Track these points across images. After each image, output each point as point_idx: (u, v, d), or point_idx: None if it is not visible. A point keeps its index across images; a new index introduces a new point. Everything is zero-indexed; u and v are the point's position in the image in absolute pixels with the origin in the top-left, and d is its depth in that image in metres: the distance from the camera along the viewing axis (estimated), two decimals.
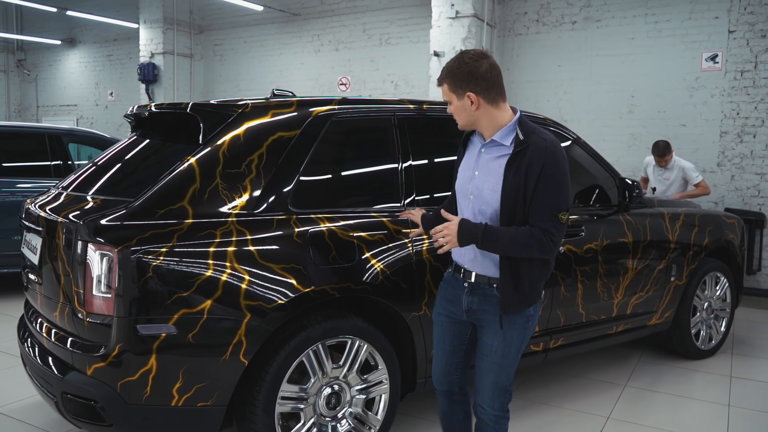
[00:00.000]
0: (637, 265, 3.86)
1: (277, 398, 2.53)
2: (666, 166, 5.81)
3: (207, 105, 2.80)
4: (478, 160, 2.20)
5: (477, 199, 2.18)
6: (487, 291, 2.20)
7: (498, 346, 2.21)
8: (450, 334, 2.37)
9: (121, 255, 2.27)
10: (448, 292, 2.35)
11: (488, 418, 2.28)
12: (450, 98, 2.17)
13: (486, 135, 2.18)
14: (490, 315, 2.20)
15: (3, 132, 6.10)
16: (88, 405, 2.37)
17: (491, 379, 2.25)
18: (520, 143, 2.08)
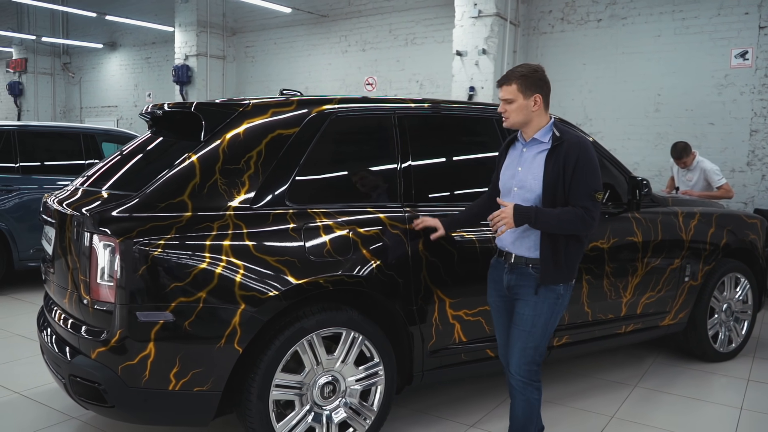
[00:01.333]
0: (648, 264, 3.82)
1: (271, 386, 2.62)
2: (687, 167, 5.70)
3: (210, 104, 2.92)
4: (521, 159, 2.61)
5: (521, 189, 2.58)
6: (524, 270, 2.59)
7: (528, 314, 2.57)
8: (504, 312, 2.73)
9: (122, 245, 2.40)
10: (494, 275, 2.76)
11: (517, 384, 2.63)
12: (515, 97, 2.53)
13: (528, 134, 2.59)
14: (525, 288, 2.58)
15: (43, 132, 6.46)
16: (93, 387, 2.51)
17: (520, 346, 2.58)
18: (557, 139, 2.53)
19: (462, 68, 7.04)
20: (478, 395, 3.64)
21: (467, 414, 3.39)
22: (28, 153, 6.13)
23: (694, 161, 5.68)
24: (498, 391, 3.74)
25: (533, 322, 2.56)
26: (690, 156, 5.65)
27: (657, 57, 6.68)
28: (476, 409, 3.49)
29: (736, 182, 6.19)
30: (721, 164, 6.42)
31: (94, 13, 10.49)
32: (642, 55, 6.78)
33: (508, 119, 2.59)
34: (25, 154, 6.08)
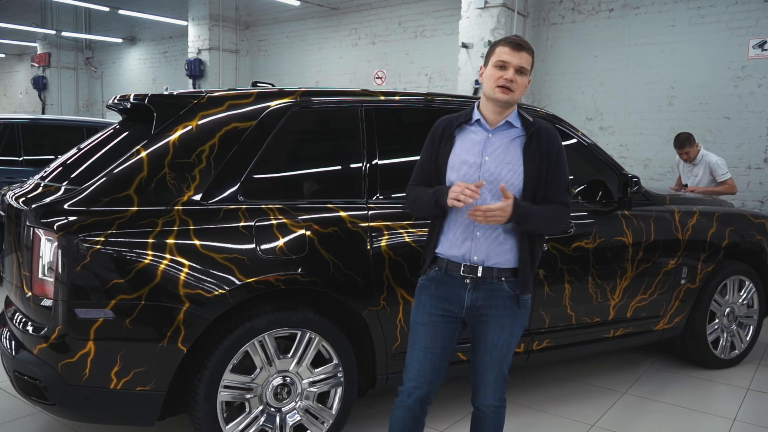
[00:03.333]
0: (639, 265, 3.63)
1: (219, 387, 2.55)
2: (691, 160, 5.44)
3: (164, 96, 2.84)
4: (486, 146, 2.18)
5: (494, 182, 2.15)
6: (495, 285, 2.18)
7: (504, 340, 2.23)
8: (442, 335, 2.25)
9: (62, 240, 2.35)
10: (442, 291, 2.23)
11: (490, 411, 2.30)
12: (527, 71, 2.17)
13: (498, 118, 2.19)
14: (497, 310, 2.20)
15: (47, 125, 6.58)
16: (34, 384, 2.47)
17: (495, 374, 2.26)
18: (530, 125, 2.21)
19: (468, 61, 6.86)
20: (449, 400, 3.51)
21: (437, 419, 3.26)
22: (34, 146, 6.20)
23: (699, 155, 5.43)
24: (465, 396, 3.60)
25: (509, 346, 2.25)
26: (694, 147, 5.39)
27: (671, 48, 6.41)
28: (446, 414, 3.36)
29: (752, 179, 5.90)
30: (736, 160, 6.15)
31: (108, 8, 10.60)
32: (655, 47, 6.51)
33: (513, 92, 2.13)
34: (30, 147, 6.15)
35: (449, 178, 2.20)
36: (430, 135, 2.32)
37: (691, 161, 5.51)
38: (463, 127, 2.25)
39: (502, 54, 2.14)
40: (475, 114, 2.24)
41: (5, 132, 6.06)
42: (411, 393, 2.26)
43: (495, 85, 2.13)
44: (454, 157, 2.22)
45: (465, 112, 2.28)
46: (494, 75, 2.14)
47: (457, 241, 2.20)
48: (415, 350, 2.27)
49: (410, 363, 2.28)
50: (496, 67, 2.15)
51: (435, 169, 2.26)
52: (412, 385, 2.26)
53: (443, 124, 2.29)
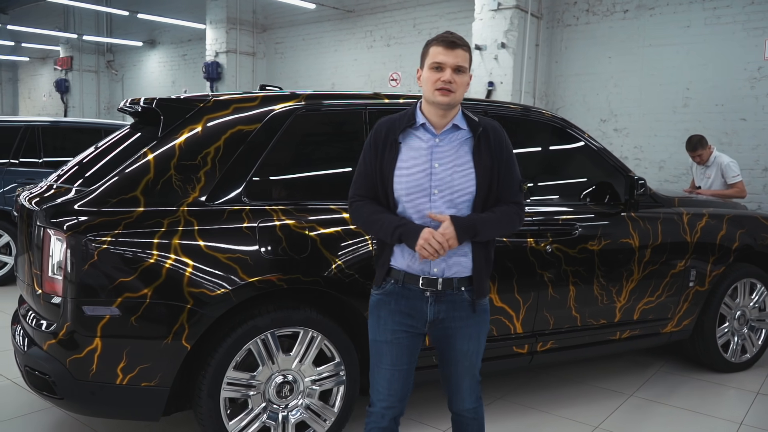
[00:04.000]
0: (645, 267, 3.62)
1: (222, 384, 2.60)
2: (704, 162, 5.39)
3: (171, 100, 2.90)
4: (435, 152, 2.06)
5: (446, 190, 2.05)
6: (455, 296, 2.11)
7: (473, 348, 2.18)
8: (408, 351, 2.16)
9: (71, 240, 2.42)
10: (403, 306, 2.12)
11: (470, 414, 2.27)
12: (465, 69, 2.05)
13: (444, 121, 2.08)
14: (461, 321, 2.13)
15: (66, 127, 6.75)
16: (43, 378, 2.55)
17: (469, 380, 2.23)
18: (476, 125, 2.10)
19: (481, 63, 6.87)
20: None
21: (436, 418, 3.28)
22: (53, 148, 6.34)
23: (711, 156, 5.38)
24: None
25: (478, 353, 2.21)
26: (706, 149, 5.35)
27: (686, 49, 6.35)
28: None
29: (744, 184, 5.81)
30: (753, 162, 6.07)
31: (127, 12, 10.79)
32: (670, 47, 6.45)
33: (453, 93, 2.01)
34: (49, 149, 6.30)
35: (397, 189, 2.07)
36: (372, 141, 2.15)
37: (704, 163, 5.46)
38: (408, 132, 2.10)
39: (436, 55, 2.02)
40: (419, 117, 2.10)
41: (26, 134, 6.21)
42: (384, 414, 2.18)
43: (434, 89, 2.01)
44: (402, 165, 2.07)
45: (406, 115, 2.13)
46: (431, 77, 2.02)
47: (414, 254, 2.05)
48: (381, 369, 2.16)
49: (378, 383, 2.18)
50: (432, 69, 2.03)
51: (380, 179, 2.10)
52: (384, 405, 2.18)
53: (384, 128, 2.13)
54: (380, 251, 2.18)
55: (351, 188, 2.20)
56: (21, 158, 6.14)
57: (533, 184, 3.57)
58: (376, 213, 2.11)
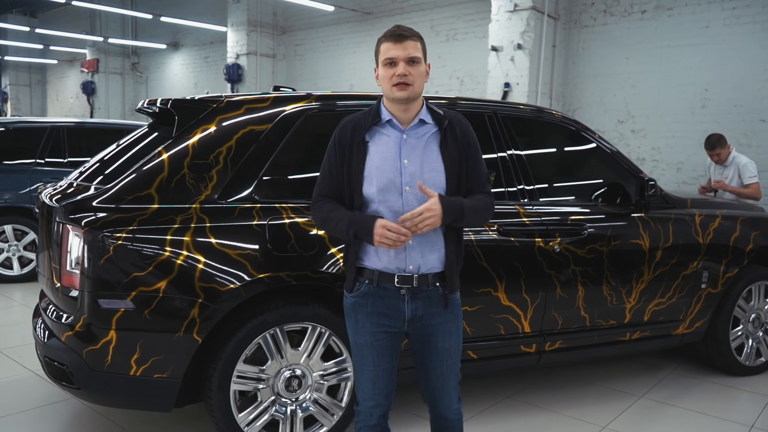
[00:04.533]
0: (656, 268, 3.62)
1: (232, 376, 2.67)
2: (722, 162, 5.35)
3: (185, 101, 2.99)
4: (403, 148, 2.05)
5: (417, 187, 2.02)
6: (431, 292, 2.09)
7: (455, 344, 2.17)
8: (389, 351, 2.15)
9: (87, 235, 2.51)
10: (379, 306, 2.09)
11: (454, 415, 2.24)
12: (419, 59, 2.00)
13: (409, 116, 2.06)
14: (439, 317, 2.11)
15: (90, 128, 6.94)
16: (61, 369, 2.64)
17: (454, 380, 2.21)
18: (441, 118, 2.08)
19: (497, 64, 6.89)
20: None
21: None
22: (77, 148, 6.51)
23: (730, 156, 5.34)
24: (478, 395, 3.66)
25: (459, 349, 2.19)
26: (725, 149, 5.30)
27: (704, 50, 6.30)
28: None
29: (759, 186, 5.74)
30: None
31: (151, 15, 11.01)
32: (688, 48, 6.41)
33: (411, 85, 1.97)
34: (74, 149, 6.46)
35: (368, 188, 2.04)
36: (337, 141, 2.12)
37: (722, 163, 5.42)
38: (374, 130, 2.08)
39: (387, 51, 2.00)
40: (384, 114, 2.07)
41: (51, 135, 6.39)
42: (372, 413, 2.20)
43: (391, 85, 1.99)
44: (371, 164, 2.04)
45: (371, 112, 2.10)
46: (386, 74, 2.00)
47: (388, 252, 2.04)
48: (364, 371, 2.17)
49: (363, 384, 2.18)
50: (385, 65, 2.01)
51: (348, 179, 2.07)
52: (370, 404, 2.19)
53: (350, 127, 2.10)
54: (347, 253, 2.14)
55: (314, 190, 2.18)
56: (47, 158, 6.31)
57: (548, 185, 3.60)
58: (331, 212, 2.08)
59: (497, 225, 3.15)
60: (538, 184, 3.42)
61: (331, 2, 9.41)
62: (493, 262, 3.12)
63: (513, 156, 3.35)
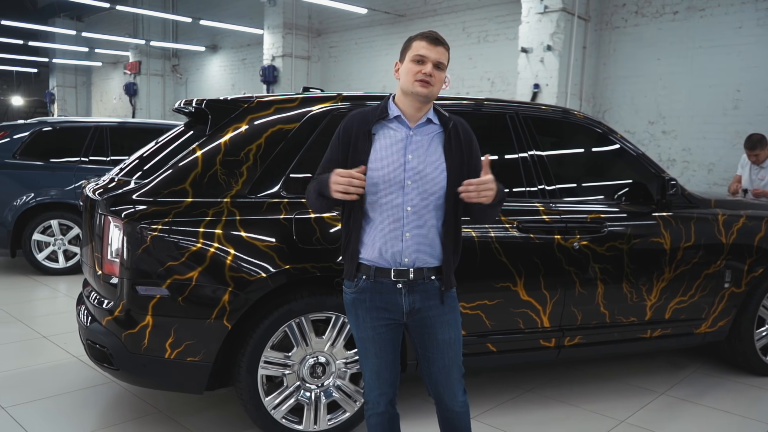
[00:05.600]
0: (677, 267, 3.65)
1: (260, 362, 2.83)
2: (759, 163, 5.30)
3: (218, 101, 3.16)
4: (409, 145, 2.13)
5: (418, 182, 2.10)
6: (427, 285, 2.15)
7: (454, 335, 2.22)
8: (390, 342, 2.23)
9: (127, 227, 2.70)
10: (378, 301, 2.16)
11: (459, 407, 2.29)
12: (444, 66, 2.13)
13: (419, 114, 2.15)
14: (436, 309, 2.18)
15: (131, 128, 7.28)
16: (102, 351, 2.84)
17: (457, 371, 2.26)
18: (447, 120, 2.19)
19: (527, 65, 6.94)
20: (479, 389, 3.65)
21: None
22: (119, 146, 6.81)
23: None
24: (499, 387, 3.75)
25: (459, 341, 2.24)
26: (765, 150, 5.26)
27: (737, 50, 6.25)
28: (476, 403, 3.51)
29: None
30: None
31: (191, 18, 11.35)
32: (721, 49, 6.36)
33: (432, 86, 2.09)
34: (116, 148, 6.76)
35: (371, 177, 2.09)
36: (342, 132, 2.20)
37: (759, 164, 5.37)
38: (381, 124, 2.16)
39: (419, 48, 2.09)
40: (393, 110, 2.16)
41: (95, 135, 6.69)
42: (379, 401, 2.28)
43: (414, 80, 2.07)
44: (375, 155, 2.12)
45: (379, 108, 2.19)
46: (412, 69, 2.08)
47: (385, 245, 2.11)
48: (368, 362, 2.25)
49: (367, 374, 2.27)
50: (413, 61, 2.09)
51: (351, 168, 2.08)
52: (376, 393, 2.27)
53: (356, 120, 2.18)
54: (346, 245, 2.20)
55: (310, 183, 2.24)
56: (91, 156, 6.62)
57: (576, 185, 3.65)
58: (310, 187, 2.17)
59: (516, 222, 3.25)
60: (559, 184, 3.49)
61: (365, 5, 9.57)
62: (512, 258, 3.21)
63: (534, 156, 3.43)
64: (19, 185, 6.34)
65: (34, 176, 6.42)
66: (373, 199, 2.13)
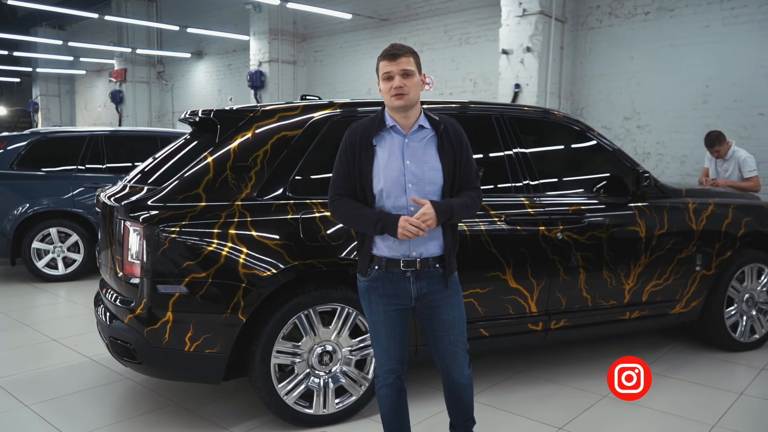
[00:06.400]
0: (652, 253, 3.93)
1: (272, 351, 3.06)
2: (722, 156, 5.63)
3: (226, 111, 3.39)
4: (406, 151, 2.38)
5: (418, 183, 2.36)
6: (432, 272, 2.43)
7: (457, 316, 2.51)
8: (399, 324, 2.51)
9: (146, 230, 2.92)
10: (388, 289, 2.44)
11: (465, 380, 2.58)
12: (412, 71, 2.35)
13: (410, 121, 2.40)
14: (440, 293, 2.45)
15: (126, 136, 7.43)
16: (125, 346, 3.06)
17: (462, 347, 2.54)
18: (437, 123, 2.44)
19: (508, 66, 7.24)
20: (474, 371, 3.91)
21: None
22: (114, 155, 6.97)
23: (729, 151, 5.61)
24: (491, 370, 4.01)
25: (462, 321, 2.53)
26: (724, 145, 5.58)
27: (705, 48, 6.59)
28: None
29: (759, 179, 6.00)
30: None
31: (178, 27, 11.51)
32: (690, 47, 6.71)
33: (407, 95, 2.32)
34: (111, 156, 6.93)
35: (376, 185, 2.38)
36: (347, 144, 2.45)
37: (722, 157, 5.70)
38: (380, 135, 2.41)
39: (383, 67, 2.36)
40: (388, 120, 2.41)
41: (91, 143, 6.85)
42: (388, 375, 2.57)
43: (389, 95, 2.34)
44: (378, 165, 2.38)
45: (375, 119, 2.44)
46: (385, 87, 2.35)
47: (395, 241, 2.38)
48: (379, 341, 2.54)
49: (378, 352, 2.57)
50: (384, 80, 2.37)
51: (359, 178, 2.40)
52: (386, 368, 2.57)
53: (359, 133, 2.43)
54: (361, 242, 2.50)
55: (330, 188, 2.50)
56: (87, 164, 6.78)
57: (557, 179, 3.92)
58: (356, 210, 2.42)
59: (504, 215, 3.51)
60: (542, 179, 3.77)
61: (349, 10, 9.82)
62: (501, 249, 3.47)
63: (518, 154, 3.70)
64: (18, 195, 6.48)
65: (32, 186, 6.56)
66: (381, 203, 2.40)
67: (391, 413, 2.63)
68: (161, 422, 3.30)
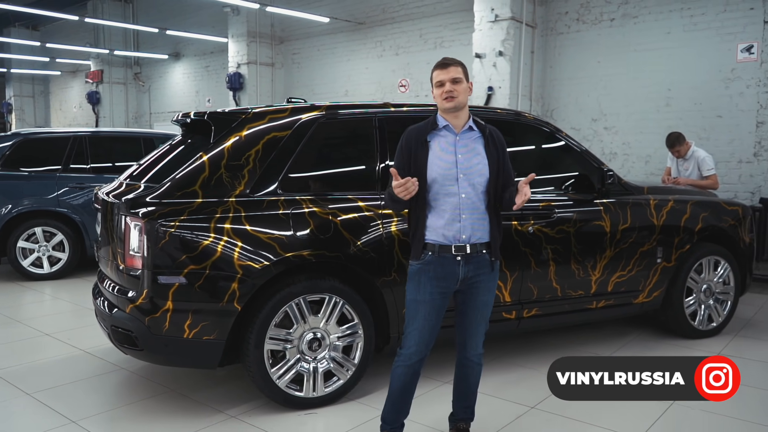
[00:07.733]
0: (616, 246, 4.21)
1: (265, 338, 3.27)
2: (682, 156, 5.98)
3: (219, 113, 3.60)
4: (457, 146, 2.72)
5: (468, 175, 2.69)
6: (480, 257, 2.73)
7: (490, 299, 2.84)
8: (438, 309, 2.75)
9: (147, 225, 3.11)
10: (438, 272, 2.71)
11: (478, 359, 2.89)
12: (461, 79, 2.68)
13: (461, 122, 2.74)
14: (484, 275, 2.76)
15: (110, 137, 7.55)
16: (127, 334, 3.24)
17: (483, 326, 2.86)
18: (484, 128, 2.80)
19: (481, 69, 7.53)
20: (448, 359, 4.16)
21: (444, 373, 3.92)
22: (98, 155, 7.08)
23: (689, 151, 5.95)
24: None
25: (491, 303, 2.84)
26: (684, 145, 5.92)
27: (667, 53, 6.97)
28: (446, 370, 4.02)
29: (743, 173, 6.40)
30: (728, 155, 6.66)
31: (157, 29, 11.60)
32: (653, 52, 7.08)
33: (456, 98, 2.65)
34: (95, 156, 7.03)
35: (431, 174, 2.70)
36: (404, 143, 2.77)
37: (683, 157, 6.05)
38: (434, 134, 2.76)
39: (437, 76, 2.70)
40: (441, 121, 2.75)
41: (75, 143, 6.94)
42: (412, 356, 2.78)
43: (441, 99, 2.69)
44: (433, 157, 2.72)
45: (429, 122, 2.78)
46: (438, 93, 2.70)
47: (446, 227, 2.68)
48: (416, 321, 2.75)
49: (411, 332, 2.77)
50: (437, 86, 2.70)
51: (416, 171, 2.70)
52: (413, 350, 2.77)
53: (414, 133, 2.77)
54: (414, 230, 2.77)
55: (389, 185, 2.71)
56: (71, 165, 6.88)
57: None
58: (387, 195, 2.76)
59: None
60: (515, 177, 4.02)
61: (327, 14, 10.03)
62: None
63: None
64: (2, 195, 6.55)
65: (17, 186, 6.63)
66: (435, 190, 2.71)
67: (399, 392, 2.85)
68: (159, 407, 3.49)
